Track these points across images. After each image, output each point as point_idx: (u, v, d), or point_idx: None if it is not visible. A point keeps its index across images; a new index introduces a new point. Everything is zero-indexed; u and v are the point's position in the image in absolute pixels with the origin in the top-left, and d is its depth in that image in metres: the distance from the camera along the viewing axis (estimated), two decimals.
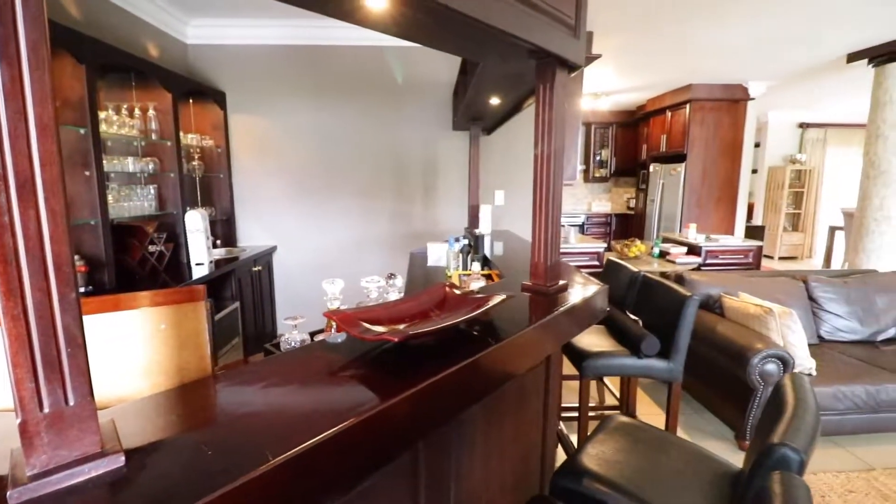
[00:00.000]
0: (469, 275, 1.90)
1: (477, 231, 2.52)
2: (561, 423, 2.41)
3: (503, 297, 1.19)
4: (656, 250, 4.19)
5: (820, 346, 2.78)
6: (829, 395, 2.29)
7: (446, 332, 1.05)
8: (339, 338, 1.10)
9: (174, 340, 0.98)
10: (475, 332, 1.13)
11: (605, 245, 4.07)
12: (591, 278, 1.76)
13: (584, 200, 8.05)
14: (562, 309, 1.33)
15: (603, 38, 3.91)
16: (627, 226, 7.52)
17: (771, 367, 2.24)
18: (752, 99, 5.64)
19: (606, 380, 2.86)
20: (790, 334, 2.39)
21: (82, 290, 2.28)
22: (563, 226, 4.59)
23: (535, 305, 1.41)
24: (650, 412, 2.73)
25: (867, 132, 4.22)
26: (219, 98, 3.61)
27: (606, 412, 2.55)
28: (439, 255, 2.81)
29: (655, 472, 1.27)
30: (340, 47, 3.65)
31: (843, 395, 2.30)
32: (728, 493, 1.16)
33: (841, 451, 2.38)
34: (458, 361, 0.95)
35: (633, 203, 7.69)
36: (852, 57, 4.33)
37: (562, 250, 4.10)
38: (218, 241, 3.60)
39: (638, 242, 4.11)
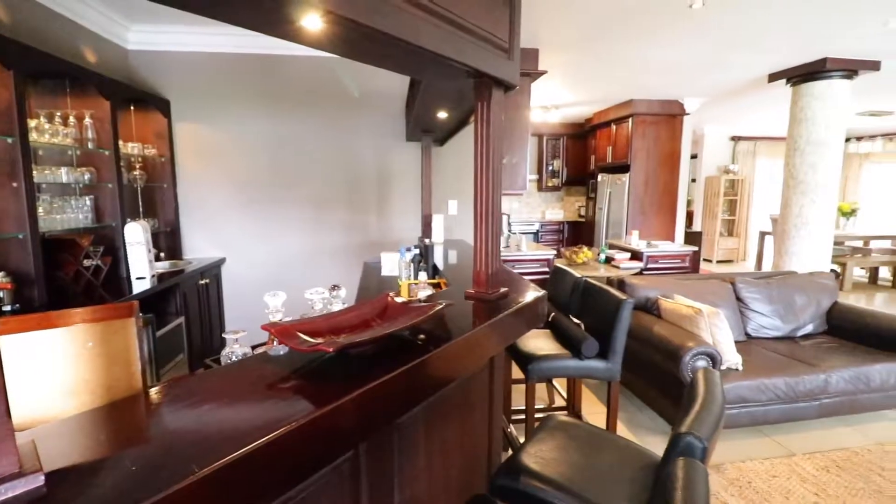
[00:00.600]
0: (417, 284, 1.95)
1: (427, 241, 2.57)
2: (511, 425, 2.49)
3: (443, 305, 1.24)
4: (602, 256, 4.41)
5: (747, 342, 3.02)
6: (753, 387, 2.49)
7: (385, 340, 1.08)
8: (281, 350, 1.11)
9: (102, 358, 0.96)
10: (416, 340, 1.17)
11: (555, 252, 4.23)
12: (532, 285, 1.84)
13: (538, 209, 8.30)
14: (500, 316, 1.39)
15: (549, 55, 4.10)
16: (579, 233, 7.82)
17: (701, 363, 2.41)
18: (688, 114, 6.06)
19: (556, 382, 2.97)
20: (718, 332, 2.59)
21: (7, 308, 2.14)
22: (515, 234, 4.74)
23: (476, 312, 1.47)
24: (596, 410, 2.86)
25: (787, 145, 4.64)
26: (162, 106, 3.50)
27: (555, 413, 2.65)
28: (392, 264, 2.84)
29: (590, 466, 1.35)
30: (292, 57, 3.63)
31: (766, 387, 2.50)
32: (651, 482, 1.26)
33: (766, 440, 2.59)
34: (394, 369, 0.99)
35: (583, 211, 8.02)
36: (772, 77, 4.76)
37: (514, 258, 4.23)
38: (161, 254, 3.46)
39: (585, 249, 4.30)
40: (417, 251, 2.57)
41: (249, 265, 3.82)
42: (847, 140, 8.56)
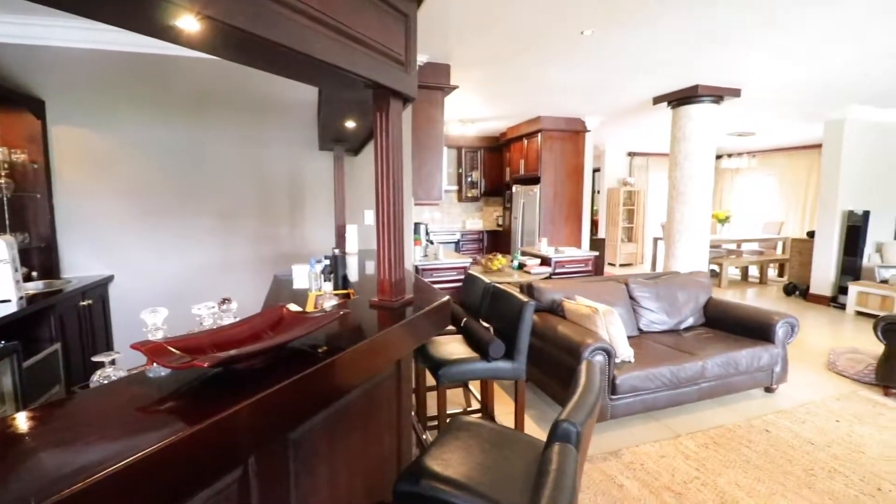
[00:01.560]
0: (322, 295, 1.91)
1: (337, 251, 2.54)
2: (426, 432, 2.51)
3: (339, 313, 1.23)
4: (515, 263, 4.63)
5: (639, 337, 3.33)
6: (644, 377, 2.75)
7: (276, 352, 1.06)
8: (162, 371, 1.04)
9: None
10: (312, 350, 1.16)
11: (472, 260, 4.36)
12: (440, 292, 1.90)
13: (459, 219, 8.52)
14: (401, 322, 1.42)
15: (461, 71, 4.26)
16: (497, 241, 8.14)
17: (599, 358, 2.62)
18: (589, 131, 6.61)
19: (472, 386, 3.05)
20: (613, 329, 2.83)
21: None
22: (433, 243, 4.82)
23: (378, 319, 1.48)
24: (509, 410, 2.95)
25: (670, 161, 5.23)
26: (35, 107, 3.10)
27: (461, 415, 2.72)
28: (305, 277, 2.76)
29: (491, 464, 1.40)
30: (192, 59, 3.41)
31: (654, 376, 2.78)
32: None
33: (656, 424, 2.87)
34: (282, 380, 0.97)
35: (501, 220, 8.37)
36: (656, 100, 5.35)
37: (432, 266, 4.27)
38: (33, 273, 3.04)
39: (500, 256, 4.49)
40: (328, 262, 2.53)
41: (145, 283, 3.49)
42: (719, 157, 9.85)
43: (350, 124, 2.45)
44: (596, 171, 9.14)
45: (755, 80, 4.59)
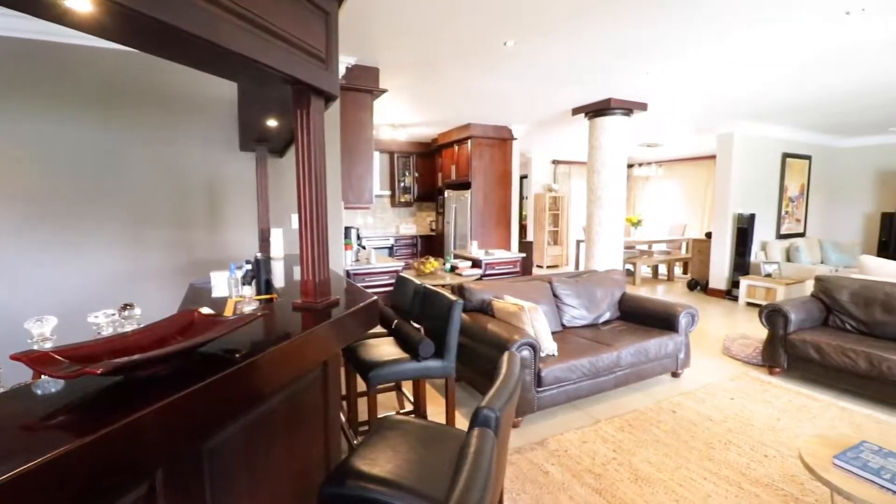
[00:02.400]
0: (242, 300, 1.82)
1: (259, 255, 2.43)
2: (358, 437, 2.47)
3: (258, 315, 1.19)
4: (448, 266, 4.70)
5: (563, 331, 3.53)
6: (566, 368, 2.91)
7: (183, 357, 0.99)
8: (53, 385, 0.94)
9: None
10: (225, 355, 1.10)
11: (404, 264, 4.37)
12: (368, 293, 1.88)
13: (393, 224, 8.49)
14: (324, 323, 1.39)
15: (391, 76, 4.27)
16: (431, 245, 8.21)
17: (525, 353, 2.74)
18: (516, 139, 6.90)
19: (405, 389, 3.05)
20: (538, 325, 2.97)
21: None
22: (365, 248, 4.76)
23: (302, 321, 1.44)
24: (442, 410, 3.00)
25: (588, 168, 5.61)
26: None
27: (390, 415, 2.71)
28: (225, 284, 2.60)
29: (419, 459, 1.42)
30: (95, 48, 3.10)
31: (575, 367, 2.95)
32: None
33: (579, 412, 3.04)
34: (187, 387, 0.91)
35: (434, 225, 8.46)
36: (575, 111, 5.72)
37: (364, 271, 4.22)
38: None
39: (432, 260, 4.54)
40: (249, 267, 2.41)
41: (37, 296, 3.08)
42: (631, 166, 10.74)
43: (272, 123, 2.36)
44: (524, 177, 9.54)
45: (659, 96, 5.08)
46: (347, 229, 4.66)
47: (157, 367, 0.94)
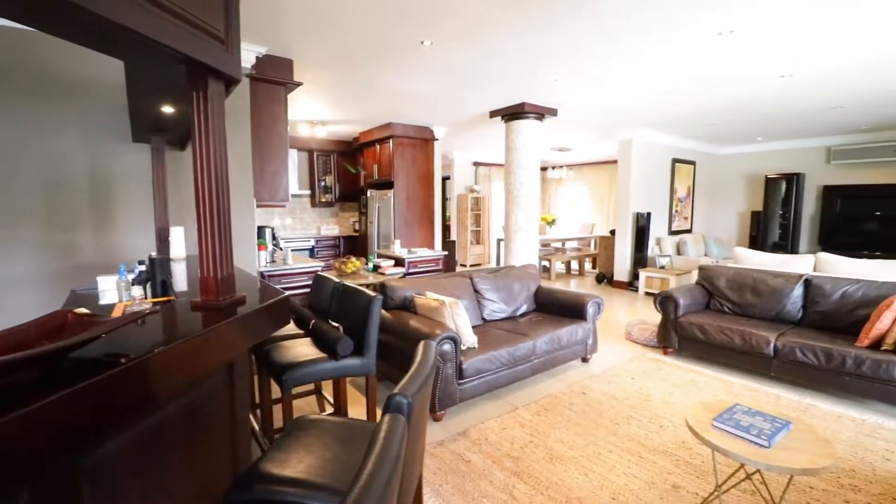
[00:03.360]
0: (132, 303, 1.65)
1: (154, 254, 2.21)
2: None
3: (146, 313, 1.08)
4: (370, 265, 4.64)
5: (484, 325, 3.64)
6: (486, 360, 3.00)
7: (50, 361, 0.87)
8: None
9: None
10: (110, 358, 0.98)
11: (323, 264, 4.23)
12: (279, 290, 1.79)
13: (314, 225, 8.18)
14: (227, 321, 1.30)
15: (306, 70, 4.11)
16: (354, 246, 8.03)
17: (447, 346, 2.78)
18: (438, 139, 6.99)
19: (325, 392, 2.95)
20: (459, 319, 3.03)
21: None
22: (282, 249, 4.53)
23: (202, 320, 1.34)
24: (366, 409, 2.95)
25: (505, 169, 5.84)
26: None
27: (304, 415, 2.62)
28: (115, 288, 2.33)
29: (334, 457, 1.38)
30: None
31: (495, 358, 3.05)
32: None
33: (499, 401, 3.15)
34: (52, 394, 0.80)
35: (357, 225, 8.29)
36: (492, 114, 5.93)
37: (281, 272, 4.02)
38: None
39: (354, 259, 4.44)
40: (143, 268, 2.19)
41: None
42: (545, 169, 11.39)
43: (167, 110, 2.16)
44: (446, 178, 9.70)
45: (567, 102, 5.43)
46: (261, 228, 4.41)
47: (19, 374, 0.82)
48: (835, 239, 7.70)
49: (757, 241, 8.39)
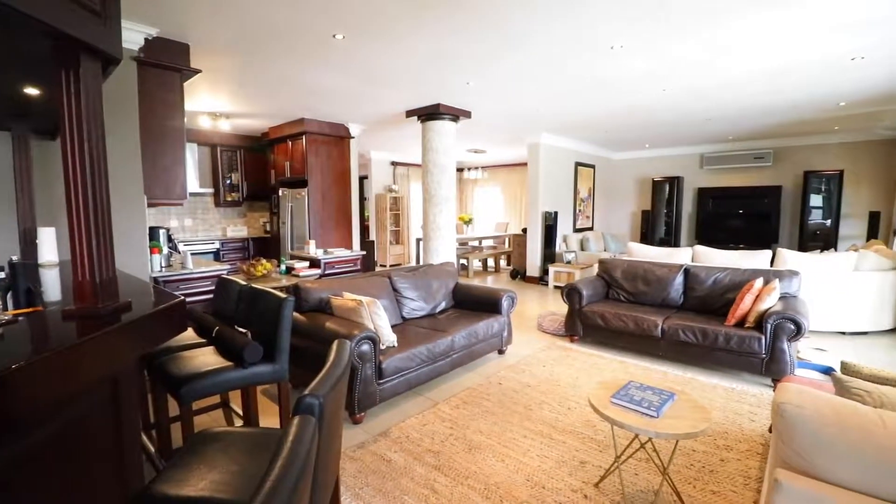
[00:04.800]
0: None
1: (16, 258, 1.90)
2: None
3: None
4: (283, 267, 4.40)
5: (403, 323, 3.63)
6: (405, 357, 3.00)
7: None
8: None
9: None
10: None
11: (229, 267, 3.93)
12: (174, 294, 1.64)
13: (218, 226, 7.57)
14: (106, 329, 1.16)
15: (205, 56, 3.78)
16: (266, 248, 7.57)
17: (365, 347, 2.73)
18: (353, 137, 6.84)
19: (233, 404, 2.75)
20: (378, 319, 3.00)
21: None
22: (180, 252, 4.13)
23: (76, 329, 1.18)
24: (279, 419, 2.80)
25: (423, 169, 5.89)
26: None
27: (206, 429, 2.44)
28: None
29: (239, 468, 1.29)
30: None
31: (414, 355, 3.06)
32: None
33: (419, 398, 3.17)
34: None
35: (269, 226, 7.83)
36: (409, 113, 5.94)
37: (178, 277, 3.67)
38: None
39: (264, 261, 4.19)
40: (2, 275, 1.87)
41: None
42: (461, 170, 11.68)
43: (33, 91, 1.87)
44: (364, 178, 9.52)
45: (480, 105, 5.62)
46: (155, 230, 3.98)
47: None
48: (708, 234, 8.85)
49: (647, 236, 9.39)
